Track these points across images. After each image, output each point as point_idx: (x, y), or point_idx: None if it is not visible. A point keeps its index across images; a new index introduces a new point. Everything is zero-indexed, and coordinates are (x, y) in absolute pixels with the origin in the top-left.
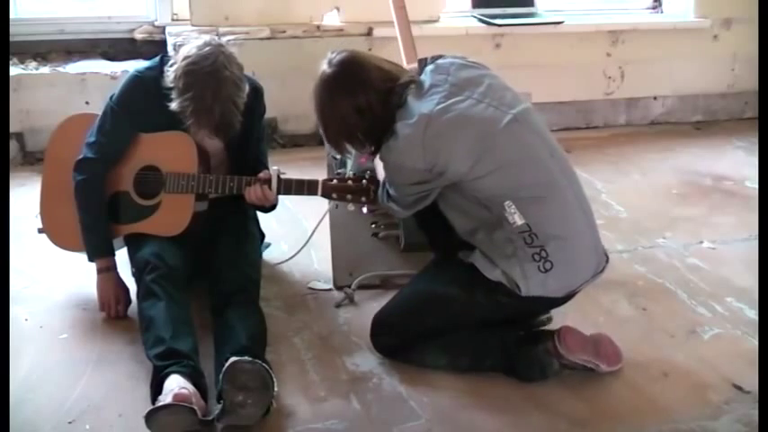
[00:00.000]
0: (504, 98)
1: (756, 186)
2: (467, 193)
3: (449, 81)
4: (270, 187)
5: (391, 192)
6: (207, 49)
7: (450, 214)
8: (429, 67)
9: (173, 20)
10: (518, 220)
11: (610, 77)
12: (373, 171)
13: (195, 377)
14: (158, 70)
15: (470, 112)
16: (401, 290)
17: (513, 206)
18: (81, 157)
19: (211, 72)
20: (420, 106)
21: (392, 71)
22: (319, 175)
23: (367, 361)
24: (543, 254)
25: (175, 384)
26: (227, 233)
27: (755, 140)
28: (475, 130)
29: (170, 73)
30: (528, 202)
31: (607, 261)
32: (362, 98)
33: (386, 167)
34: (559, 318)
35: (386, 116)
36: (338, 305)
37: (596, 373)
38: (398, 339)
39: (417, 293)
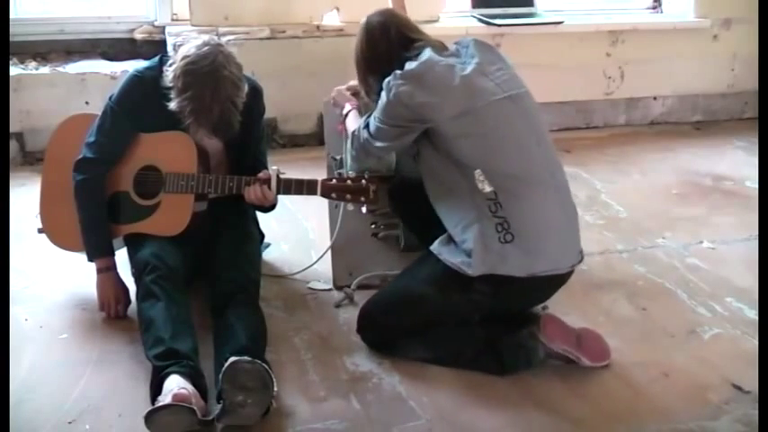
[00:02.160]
0: (507, 81)
1: (756, 186)
2: (445, 150)
3: (467, 53)
4: (269, 187)
5: (372, 126)
6: (206, 48)
7: (425, 178)
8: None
9: (173, 20)
10: (486, 187)
11: (610, 77)
12: (372, 171)
13: (195, 377)
14: (158, 70)
15: (472, 78)
16: (383, 287)
17: (483, 175)
18: (80, 157)
19: (210, 72)
20: (433, 55)
21: (422, 32)
22: (319, 175)
23: (367, 361)
24: (506, 225)
25: (175, 384)
26: (227, 233)
27: (755, 140)
28: (469, 91)
29: (169, 73)
30: (501, 177)
31: (580, 261)
32: (383, 44)
33: (383, 95)
34: (559, 318)
35: (398, 59)
36: (338, 305)
37: (596, 371)
38: (380, 335)
39: (396, 292)
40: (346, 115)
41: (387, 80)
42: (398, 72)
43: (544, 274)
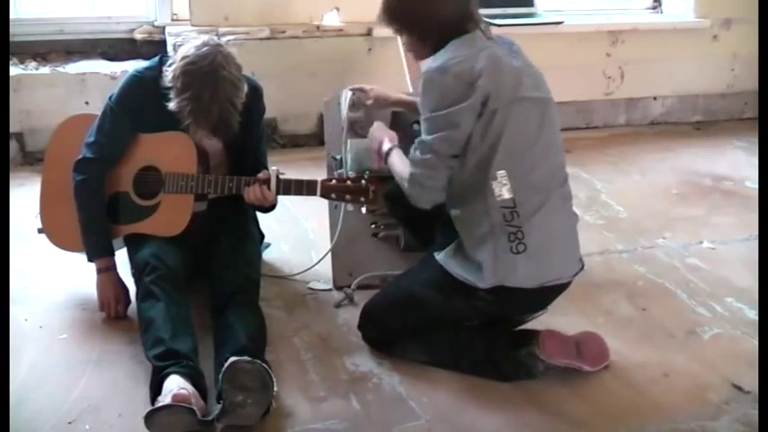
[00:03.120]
0: (542, 86)
1: (756, 186)
2: (474, 146)
3: (512, 49)
4: (269, 187)
5: (422, 148)
6: (205, 49)
7: None
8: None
9: (173, 20)
10: (506, 193)
11: (610, 77)
12: (373, 172)
13: (195, 377)
14: (157, 70)
15: (522, 71)
16: (386, 287)
17: (507, 177)
18: (80, 157)
19: (209, 72)
20: (487, 42)
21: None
22: (319, 175)
23: (367, 361)
24: (519, 235)
25: (175, 385)
26: (227, 233)
27: (755, 140)
28: (518, 81)
29: (168, 73)
30: (523, 184)
31: (581, 268)
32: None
33: (424, 82)
34: (559, 318)
35: (454, 30)
36: (338, 305)
37: (596, 372)
38: (381, 334)
39: (398, 293)
40: (388, 153)
41: (427, 69)
42: (452, 45)
43: (550, 284)
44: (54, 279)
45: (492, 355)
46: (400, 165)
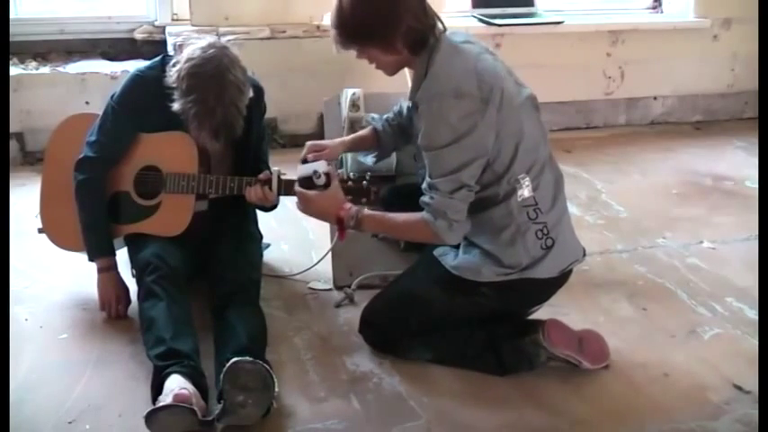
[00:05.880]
0: (518, 79)
1: (756, 186)
2: (493, 157)
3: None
4: (270, 188)
5: (446, 168)
6: (211, 51)
7: None
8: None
9: (173, 20)
10: (527, 192)
11: (610, 77)
12: (373, 171)
13: (196, 377)
14: (160, 70)
15: (508, 71)
16: (386, 288)
17: (528, 179)
18: (82, 156)
19: (215, 75)
20: (472, 47)
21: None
22: None
23: (367, 361)
24: (545, 230)
25: (176, 385)
26: (228, 233)
27: (755, 140)
28: (513, 83)
29: (173, 73)
30: (536, 177)
31: (584, 251)
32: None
33: (436, 108)
34: (559, 318)
35: (424, 28)
36: (338, 305)
37: (597, 372)
38: (384, 337)
39: (399, 294)
40: (358, 221)
41: (434, 93)
42: (449, 66)
43: (568, 269)
44: (54, 279)
45: (494, 344)
46: (402, 218)
